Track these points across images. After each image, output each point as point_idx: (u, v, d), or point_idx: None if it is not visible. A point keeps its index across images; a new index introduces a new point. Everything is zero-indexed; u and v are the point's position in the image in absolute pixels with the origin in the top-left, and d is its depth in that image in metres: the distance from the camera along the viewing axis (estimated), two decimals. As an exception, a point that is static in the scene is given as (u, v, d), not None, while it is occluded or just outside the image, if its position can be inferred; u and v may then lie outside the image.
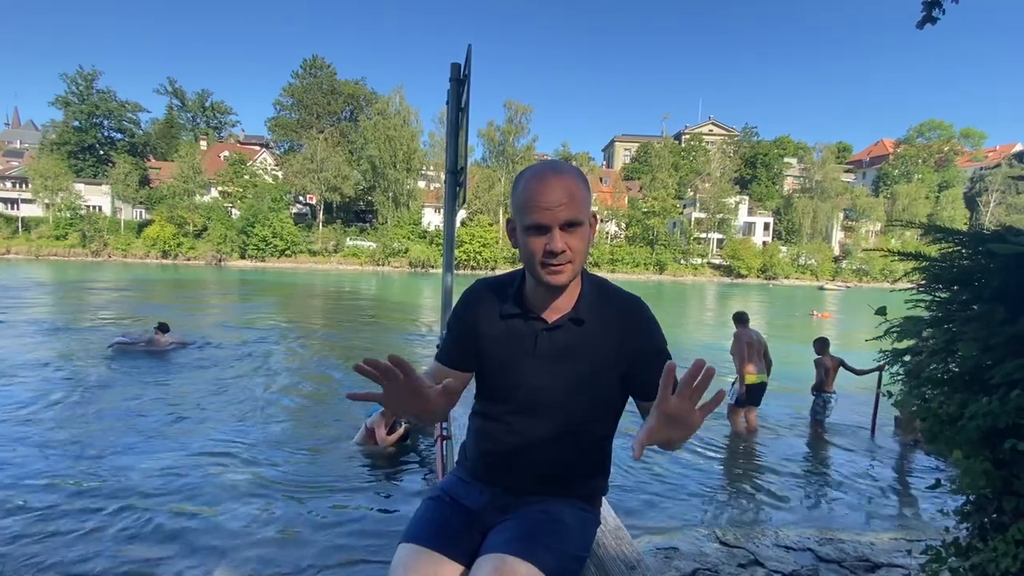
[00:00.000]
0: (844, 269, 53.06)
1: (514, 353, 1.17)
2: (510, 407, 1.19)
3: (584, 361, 1.13)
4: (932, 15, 3.86)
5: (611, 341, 1.13)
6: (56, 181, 44.08)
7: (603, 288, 1.19)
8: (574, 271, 1.07)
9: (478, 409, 1.29)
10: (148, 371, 8.22)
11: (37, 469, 4.50)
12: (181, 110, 62.28)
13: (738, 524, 4.03)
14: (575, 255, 1.05)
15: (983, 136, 58.47)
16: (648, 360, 1.13)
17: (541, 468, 1.20)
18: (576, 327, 1.14)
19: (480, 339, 1.20)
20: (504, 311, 1.18)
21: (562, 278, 1.05)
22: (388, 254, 45.66)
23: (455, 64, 3.75)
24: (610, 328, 1.14)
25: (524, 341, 1.16)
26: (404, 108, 48.84)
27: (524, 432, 1.18)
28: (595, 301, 1.16)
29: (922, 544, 2.84)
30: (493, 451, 1.23)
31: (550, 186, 1.01)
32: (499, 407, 1.22)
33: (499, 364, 1.19)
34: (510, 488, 1.22)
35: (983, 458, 1.74)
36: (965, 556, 1.87)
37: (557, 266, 1.04)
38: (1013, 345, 1.63)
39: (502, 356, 1.18)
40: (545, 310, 1.15)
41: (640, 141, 65.75)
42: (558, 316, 1.15)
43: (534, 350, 1.15)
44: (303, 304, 20.63)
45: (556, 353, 1.14)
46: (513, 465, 1.21)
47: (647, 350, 1.14)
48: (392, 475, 4.76)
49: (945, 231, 1.84)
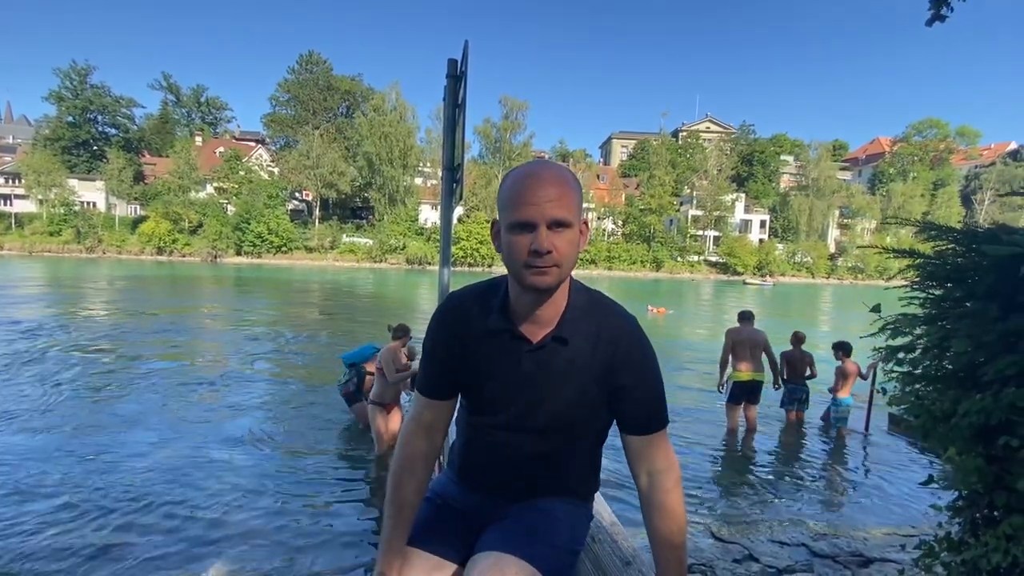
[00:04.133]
0: (840, 267, 53.27)
1: (498, 372, 1.10)
2: (497, 422, 1.15)
3: (569, 383, 1.08)
4: (940, 13, 3.86)
5: (597, 366, 1.07)
6: (49, 177, 43.71)
7: (595, 303, 1.11)
8: (560, 276, 0.98)
9: (465, 419, 1.24)
10: (138, 368, 8.20)
11: (25, 467, 4.48)
12: (176, 105, 61.79)
13: (733, 520, 4.06)
14: (562, 258, 0.96)
15: (978, 134, 58.78)
16: (635, 395, 1.08)
17: (530, 478, 1.18)
18: (560, 347, 1.06)
19: (462, 359, 1.12)
20: (488, 326, 1.09)
21: (547, 280, 0.97)
22: (385, 251, 45.53)
23: (452, 60, 3.73)
24: (597, 352, 1.07)
25: (508, 360, 1.09)
26: (400, 104, 48.64)
27: (512, 446, 1.15)
28: (582, 316, 1.08)
29: (915, 539, 2.87)
30: (482, 463, 1.21)
31: (539, 181, 0.95)
32: (486, 420, 1.17)
33: (483, 383, 1.13)
34: (500, 495, 1.21)
35: (976, 454, 1.75)
36: (957, 551, 1.89)
37: (542, 267, 0.95)
38: (1005, 342, 1.64)
39: (486, 375, 1.12)
40: (530, 323, 1.07)
41: (637, 138, 65.76)
42: (543, 333, 1.07)
43: (519, 370, 1.08)
44: (299, 301, 20.57)
45: (540, 373, 1.08)
46: (502, 476, 1.19)
47: (635, 382, 1.08)
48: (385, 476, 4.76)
49: (939, 229, 1.85)
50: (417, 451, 1.16)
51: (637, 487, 1.12)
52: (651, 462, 1.09)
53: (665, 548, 1.06)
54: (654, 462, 1.09)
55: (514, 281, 1.04)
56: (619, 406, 1.10)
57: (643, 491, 1.10)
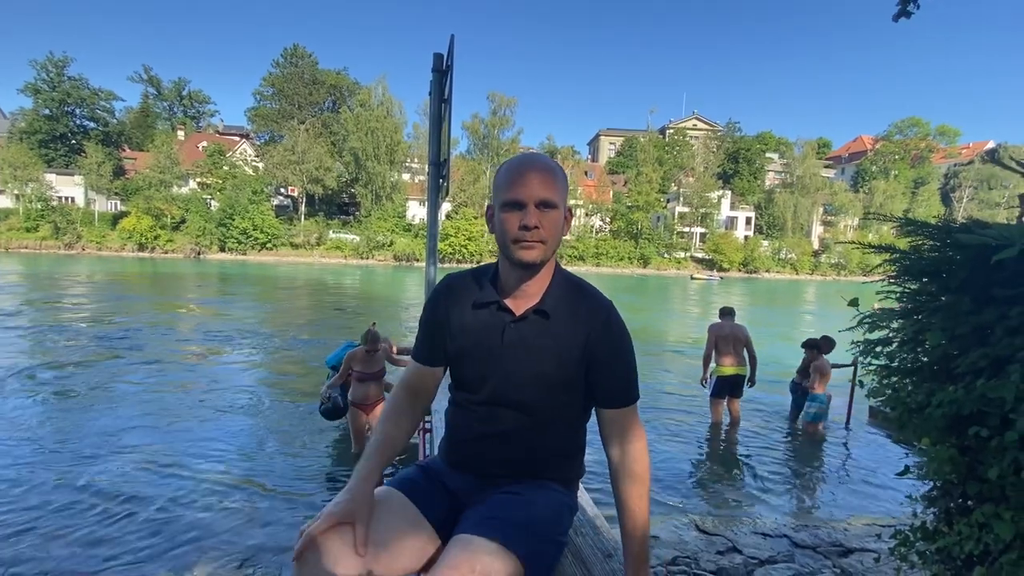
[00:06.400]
0: (823, 263, 54.07)
1: (482, 344, 1.19)
2: (480, 397, 1.22)
3: (549, 355, 1.15)
4: (907, 9, 3.95)
5: (576, 339, 1.15)
6: (26, 171, 42.50)
7: (576, 286, 1.21)
8: (545, 252, 1.10)
9: (452, 399, 1.32)
10: (119, 367, 8.05)
11: (10, 465, 4.39)
12: (157, 99, 60.55)
13: (717, 512, 4.11)
14: (547, 235, 1.09)
15: (957, 133, 60.11)
16: (610, 368, 1.17)
17: (511, 456, 1.22)
18: (542, 320, 1.16)
19: (451, 331, 1.23)
20: (477, 299, 1.20)
21: (534, 254, 1.08)
22: (372, 247, 45.16)
23: (438, 54, 3.70)
24: (577, 326, 1.16)
25: (492, 332, 1.18)
26: (387, 99, 48.17)
27: (493, 421, 1.21)
28: (563, 295, 1.18)
29: (892, 529, 2.93)
30: (464, 439, 1.26)
31: (530, 167, 1.09)
32: (469, 396, 1.24)
33: (468, 355, 1.22)
34: (483, 475, 1.24)
35: (949, 445, 1.79)
36: (932, 540, 1.93)
37: (530, 242, 1.07)
38: (977, 335, 1.68)
39: (471, 347, 1.21)
40: (515, 296, 1.18)
41: (625, 135, 65.95)
42: (526, 307, 1.17)
43: (501, 341, 1.17)
44: (284, 298, 20.34)
45: (522, 345, 1.16)
46: (483, 453, 1.24)
47: (610, 357, 1.17)
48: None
49: (916, 224, 1.89)
50: (403, 404, 1.28)
51: (608, 457, 1.21)
52: (623, 433, 1.19)
53: (632, 513, 1.15)
54: (626, 432, 1.19)
55: (503, 258, 1.16)
56: (595, 379, 1.18)
57: (614, 460, 1.20)
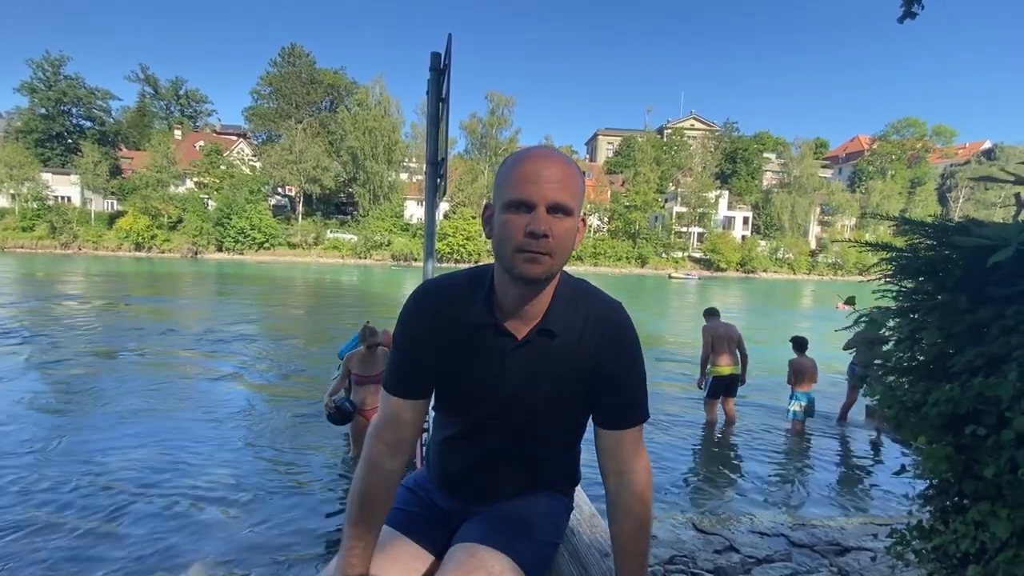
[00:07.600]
0: (820, 263, 54.24)
1: (478, 369, 1.02)
2: (476, 428, 1.09)
3: (553, 378, 1.02)
4: (912, 10, 3.94)
5: (584, 359, 1.01)
6: (22, 170, 42.45)
7: (583, 293, 1.04)
8: (551, 268, 0.90)
9: (438, 420, 1.18)
10: (116, 367, 8.02)
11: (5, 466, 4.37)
12: (154, 98, 60.38)
13: (714, 511, 4.12)
14: (557, 247, 0.88)
15: (954, 133, 60.36)
16: (617, 385, 1.03)
17: (510, 480, 1.14)
18: (547, 340, 1.00)
19: (440, 353, 1.02)
20: (471, 321, 1.00)
21: (539, 269, 0.88)
22: (370, 247, 45.14)
23: (435, 54, 3.70)
24: (584, 341, 1.01)
25: (491, 360, 1.01)
26: (385, 99, 48.23)
27: (491, 453, 1.11)
28: (569, 307, 1.01)
29: (888, 528, 2.94)
30: (459, 473, 1.15)
31: (544, 161, 0.88)
32: (459, 420, 1.11)
33: (460, 380, 1.05)
34: (480, 500, 1.16)
35: (945, 443, 1.79)
36: (928, 538, 1.93)
37: (536, 253, 0.87)
38: (973, 333, 1.68)
39: (464, 371, 1.03)
40: (516, 319, 1.00)
41: (623, 135, 66.05)
42: (528, 328, 1.00)
43: (501, 368, 1.01)
44: (282, 297, 20.30)
45: (524, 371, 1.01)
46: (482, 483, 1.14)
47: (618, 373, 1.03)
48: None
49: (912, 223, 1.89)
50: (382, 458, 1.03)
51: (605, 487, 1.06)
52: (624, 460, 1.03)
53: (628, 557, 1.02)
54: (626, 459, 1.03)
55: (501, 271, 0.96)
56: (599, 397, 1.04)
57: (611, 491, 1.05)
